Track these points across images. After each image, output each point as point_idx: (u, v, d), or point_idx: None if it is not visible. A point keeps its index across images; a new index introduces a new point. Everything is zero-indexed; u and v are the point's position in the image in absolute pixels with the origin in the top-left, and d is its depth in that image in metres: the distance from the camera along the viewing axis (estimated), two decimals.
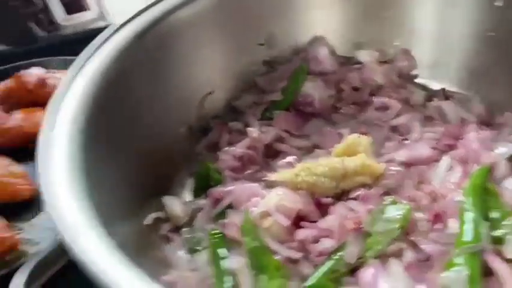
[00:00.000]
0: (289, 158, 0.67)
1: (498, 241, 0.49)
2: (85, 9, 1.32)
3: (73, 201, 0.44)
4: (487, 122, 0.66)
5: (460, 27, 0.67)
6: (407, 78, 0.74)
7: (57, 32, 1.31)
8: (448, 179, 0.58)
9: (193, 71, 0.69)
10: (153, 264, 0.57)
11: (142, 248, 0.58)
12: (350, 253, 0.51)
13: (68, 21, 1.31)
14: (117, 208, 0.53)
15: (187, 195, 0.68)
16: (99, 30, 1.29)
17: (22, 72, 0.89)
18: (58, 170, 0.46)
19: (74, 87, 0.55)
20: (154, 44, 0.62)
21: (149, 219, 0.60)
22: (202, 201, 0.64)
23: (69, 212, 0.42)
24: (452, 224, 0.52)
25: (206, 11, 0.67)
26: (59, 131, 0.49)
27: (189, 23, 0.66)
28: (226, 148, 0.68)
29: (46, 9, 1.26)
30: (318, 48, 0.76)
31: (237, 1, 0.69)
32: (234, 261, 0.54)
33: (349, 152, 0.62)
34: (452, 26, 0.68)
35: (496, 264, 0.47)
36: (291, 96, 0.73)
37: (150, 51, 0.62)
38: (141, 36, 0.61)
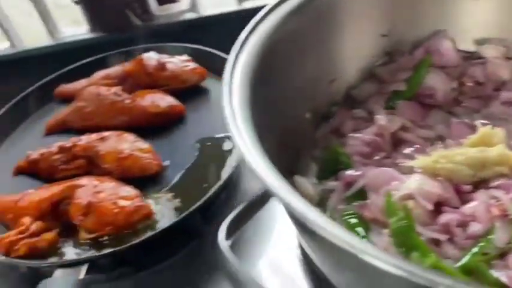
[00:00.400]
0: (413, 148, 0.69)
1: None
2: (177, 0, 1.38)
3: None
4: None
5: None
6: None
7: (152, 22, 1.37)
8: None
9: (324, 56, 0.72)
10: None
11: None
12: (500, 237, 0.52)
13: (160, 12, 1.37)
14: None
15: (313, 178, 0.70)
16: (190, 22, 1.34)
17: (143, 55, 0.94)
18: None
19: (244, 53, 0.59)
20: (305, 24, 0.66)
21: None
22: (332, 183, 0.66)
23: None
24: None
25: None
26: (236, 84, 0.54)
27: (333, 7, 0.68)
28: (354, 134, 0.70)
29: None
30: (441, 41, 0.76)
31: None
32: (378, 240, 0.56)
33: (483, 144, 0.62)
34: None
35: None
36: (415, 87, 0.74)
37: (299, 32, 0.65)
38: (291, 16, 0.64)
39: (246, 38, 0.59)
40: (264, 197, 0.47)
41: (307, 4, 0.66)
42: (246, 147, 0.46)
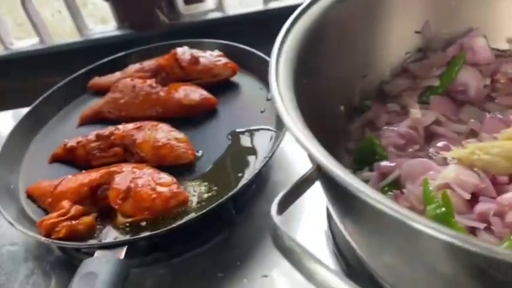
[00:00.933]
0: (446, 142, 0.70)
1: None
2: (204, 0, 1.41)
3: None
4: None
5: None
6: None
7: (179, 20, 1.39)
8: None
9: (361, 49, 0.74)
10: None
11: None
12: None
13: (187, 11, 1.40)
14: None
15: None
16: (216, 21, 1.37)
17: (176, 49, 0.96)
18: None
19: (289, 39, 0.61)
20: (344, 14, 0.68)
21: None
22: (367, 174, 0.68)
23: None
24: None
25: None
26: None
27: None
28: (389, 127, 0.71)
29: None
30: (475, 39, 0.77)
31: None
32: None
33: None
34: None
35: None
36: (447, 83, 0.75)
37: (341, 20, 0.68)
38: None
39: (292, 24, 0.61)
40: (311, 178, 0.48)
41: None
42: (293, 123, 0.47)
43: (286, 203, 0.45)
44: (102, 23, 1.55)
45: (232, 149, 0.85)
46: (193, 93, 0.89)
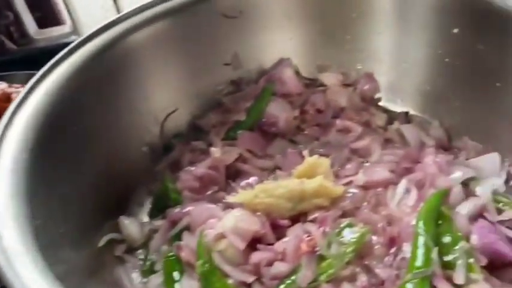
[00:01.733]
0: (251, 179, 0.67)
1: (449, 266, 0.49)
2: (60, 24, 1.31)
3: (12, 228, 0.43)
4: (445, 146, 0.67)
5: (417, 53, 0.68)
6: (370, 101, 0.75)
7: (30, 46, 1.29)
8: (405, 202, 0.58)
9: (155, 90, 0.69)
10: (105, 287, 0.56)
11: (95, 270, 0.56)
12: (302, 277, 0.50)
13: (40, 35, 1.30)
14: (67, 230, 0.52)
15: (145, 216, 0.67)
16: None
17: None
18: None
19: (28, 104, 0.54)
20: (113, 63, 0.62)
21: (103, 241, 0.59)
22: (158, 222, 0.63)
23: (6, 238, 0.41)
24: (407, 248, 0.52)
25: (165, 32, 0.67)
26: (6, 150, 0.48)
27: (148, 44, 0.66)
28: (187, 168, 0.67)
29: (18, 22, 1.25)
30: (283, 70, 0.76)
31: (196, 24, 0.69)
32: (187, 285, 0.53)
33: (309, 174, 0.61)
34: (410, 52, 0.69)
35: None
36: (255, 116, 0.73)
37: (108, 71, 0.62)
38: (99, 56, 0.60)
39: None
40: None
41: (124, 37, 0.63)
42: None
43: None
44: None
45: None
46: None
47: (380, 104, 0.76)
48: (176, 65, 0.70)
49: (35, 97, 0.55)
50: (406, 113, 0.73)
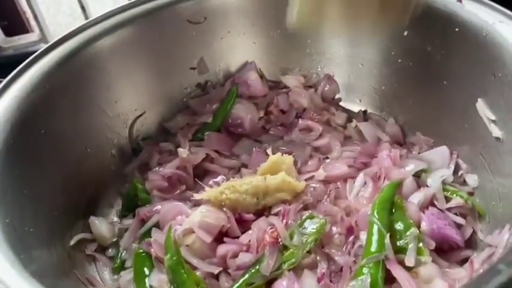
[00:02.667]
0: (218, 178, 0.70)
1: (401, 250, 0.52)
2: (28, 32, 1.32)
3: None
4: (400, 142, 0.71)
5: (372, 55, 0.72)
6: (330, 101, 0.79)
7: None
8: (362, 194, 0.62)
9: (123, 93, 0.71)
10: (78, 285, 0.57)
11: (68, 269, 0.58)
12: (266, 266, 0.53)
13: (8, 43, 1.30)
14: (38, 231, 0.53)
15: (115, 216, 0.69)
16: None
17: None
18: None
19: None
20: (81, 68, 0.64)
21: (74, 240, 0.61)
22: (128, 221, 0.65)
23: None
24: (363, 236, 0.55)
25: (132, 37, 0.69)
26: None
27: (117, 48, 0.68)
28: (156, 168, 0.69)
29: None
30: (248, 73, 0.79)
31: (162, 29, 0.71)
32: (156, 279, 0.55)
33: (273, 171, 0.65)
34: (366, 54, 0.73)
35: (398, 272, 0.50)
36: (221, 118, 0.76)
37: (77, 75, 0.64)
38: (66, 61, 0.62)
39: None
40: None
41: (90, 44, 0.65)
42: None
43: None
44: None
45: None
46: None
47: (340, 104, 0.79)
48: (144, 69, 0.73)
49: (4, 102, 0.56)
50: (364, 112, 0.77)
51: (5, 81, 0.60)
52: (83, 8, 1.20)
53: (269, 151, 0.68)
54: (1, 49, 1.30)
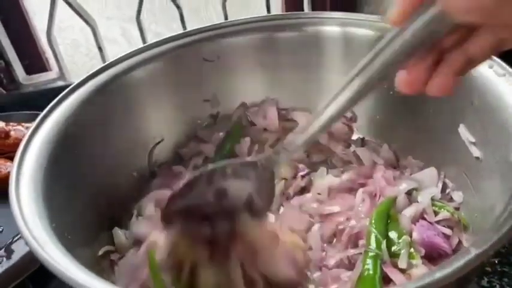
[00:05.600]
0: None
1: (395, 255, 0.59)
2: (47, 70, 1.41)
3: (38, 224, 0.52)
4: (394, 165, 0.79)
5: None
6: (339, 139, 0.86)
7: (18, 91, 1.38)
8: (361, 209, 0.69)
9: (145, 124, 0.80)
10: None
11: (97, 273, 0.64)
12: None
13: (28, 81, 1.39)
14: (73, 238, 0.60)
15: None
16: (59, 89, 1.38)
17: None
18: (25, 201, 0.54)
19: (38, 137, 0.63)
20: (108, 102, 0.73)
21: (101, 251, 0.67)
22: None
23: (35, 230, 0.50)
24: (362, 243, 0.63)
25: (155, 73, 0.78)
26: (26, 172, 0.57)
27: (141, 83, 0.77)
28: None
29: (8, 69, 1.34)
30: (268, 107, 0.87)
31: (181, 66, 0.81)
32: None
33: None
34: None
35: (393, 273, 0.57)
36: (223, 155, 0.82)
37: (104, 108, 0.72)
38: (97, 94, 0.71)
39: (42, 120, 0.65)
40: None
41: (120, 77, 0.75)
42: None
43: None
44: None
45: None
46: (3, 168, 0.89)
47: None
48: (164, 101, 0.81)
49: (42, 131, 0.64)
50: (362, 139, 0.85)
51: (42, 113, 0.67)
52: (100, 48, 1.29)
53: None
54: (22, 86, 1.39)
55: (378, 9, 1.36)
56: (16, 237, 0.76)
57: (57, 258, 0.46)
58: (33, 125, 0.64)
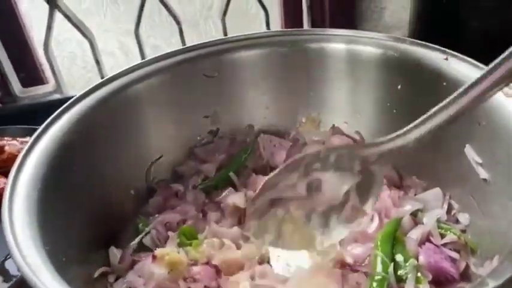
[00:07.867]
0: None
1: (402, 279, 0.58)
2: (43, 83, 1.39)
3: (32, 248, 0.49)
4: (397, 185, 0.77)
5: (370, 106, 0.80)
6: None
7: (14, 104, 1.36)
8: (368, 229, 0.67)
9: (144, 140, 0.78)
10: None
11: None
12: None
13: (24, 93, 1.37)
14: (68, 260, 0.58)
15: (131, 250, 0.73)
16: (55, 102, 1.36)
17: None
18: (18, 222, 0.52)
19: (33, 155, 0.61)
20: (109, 116, 0.71)
21: (97, 273, 0.65)
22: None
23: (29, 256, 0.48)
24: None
25: (154, 90, 0.77)
26: (20, 191, 0.55)
27: (141, 98, 0.75)
28: (156, 215, 0.75)
29: (4, 81, 1.31)
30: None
31: (181, 82, 0.79)
32: None
33: None
34: (364, 105, 0.81)
35: None
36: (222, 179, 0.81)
37: (105, 122, 0.71)
38: (95, 110, 0.69)
39: (37, 137, 0.63)
40: None
41: (120, 92, 0.73)
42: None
43: None
44: None
45: None
46: None
47: None
48: (164, 117, 0.80)
49: (39, 148, 0.62)
50: None
51: (40, 128, 0.65)
52: (97, 61, 1.27)
53: None
54: (18, 99, 1.37)
55: (377, 25, 1.36)
56: (8, 256, 0.74)
57: (49, 284, 0.44)
58: (29, 142, 0.63)
